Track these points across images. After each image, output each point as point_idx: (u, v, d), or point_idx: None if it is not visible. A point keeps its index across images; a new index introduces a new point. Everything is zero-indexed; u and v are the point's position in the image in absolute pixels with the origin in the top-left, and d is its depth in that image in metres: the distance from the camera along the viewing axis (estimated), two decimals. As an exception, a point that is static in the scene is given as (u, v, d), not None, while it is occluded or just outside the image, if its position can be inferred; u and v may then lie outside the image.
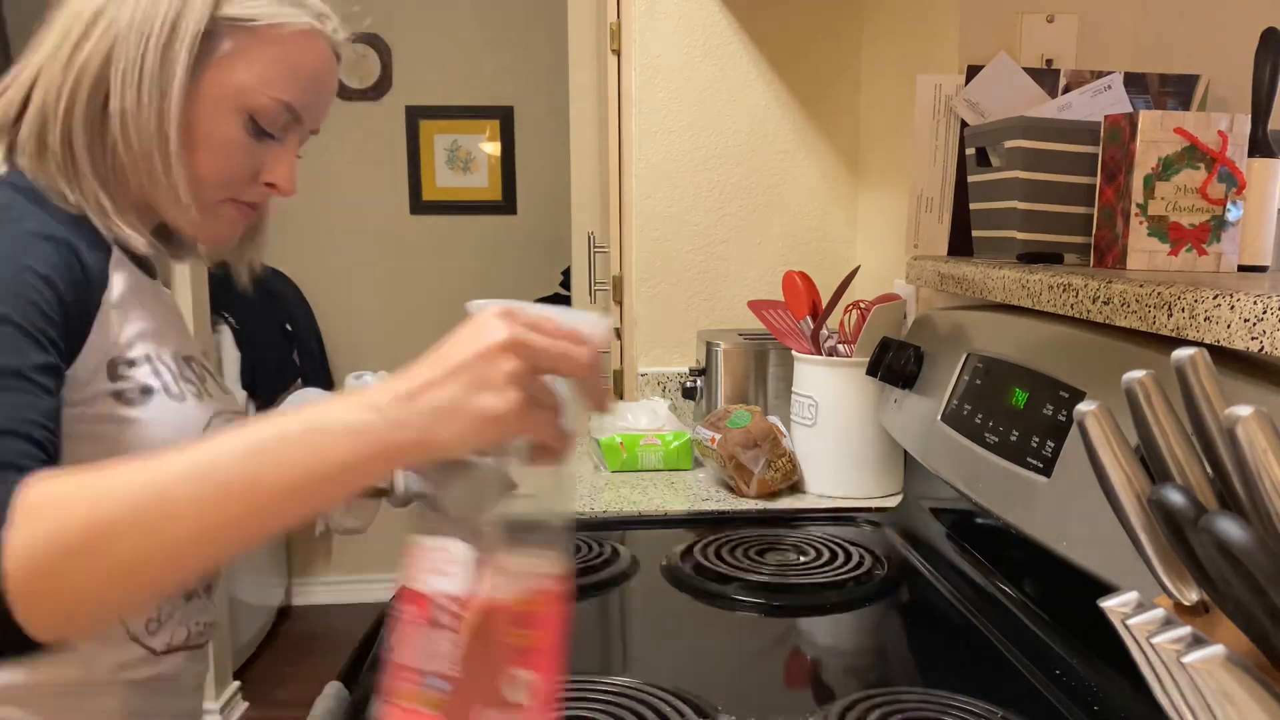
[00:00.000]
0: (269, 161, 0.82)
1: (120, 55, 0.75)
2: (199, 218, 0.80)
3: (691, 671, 0.90)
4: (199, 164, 0.78)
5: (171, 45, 0.75)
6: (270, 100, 0.78)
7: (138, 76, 0.75)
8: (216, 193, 0.80)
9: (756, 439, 1.39)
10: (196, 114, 0.77)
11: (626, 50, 1.77)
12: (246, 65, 0.77)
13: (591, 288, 2.42)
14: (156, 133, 0.76)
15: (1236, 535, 0.42)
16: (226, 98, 0.77)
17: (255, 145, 0.80)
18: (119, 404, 0.74)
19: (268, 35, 0.78)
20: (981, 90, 1.29)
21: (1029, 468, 0.86)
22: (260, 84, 0.78)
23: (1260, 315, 0.64)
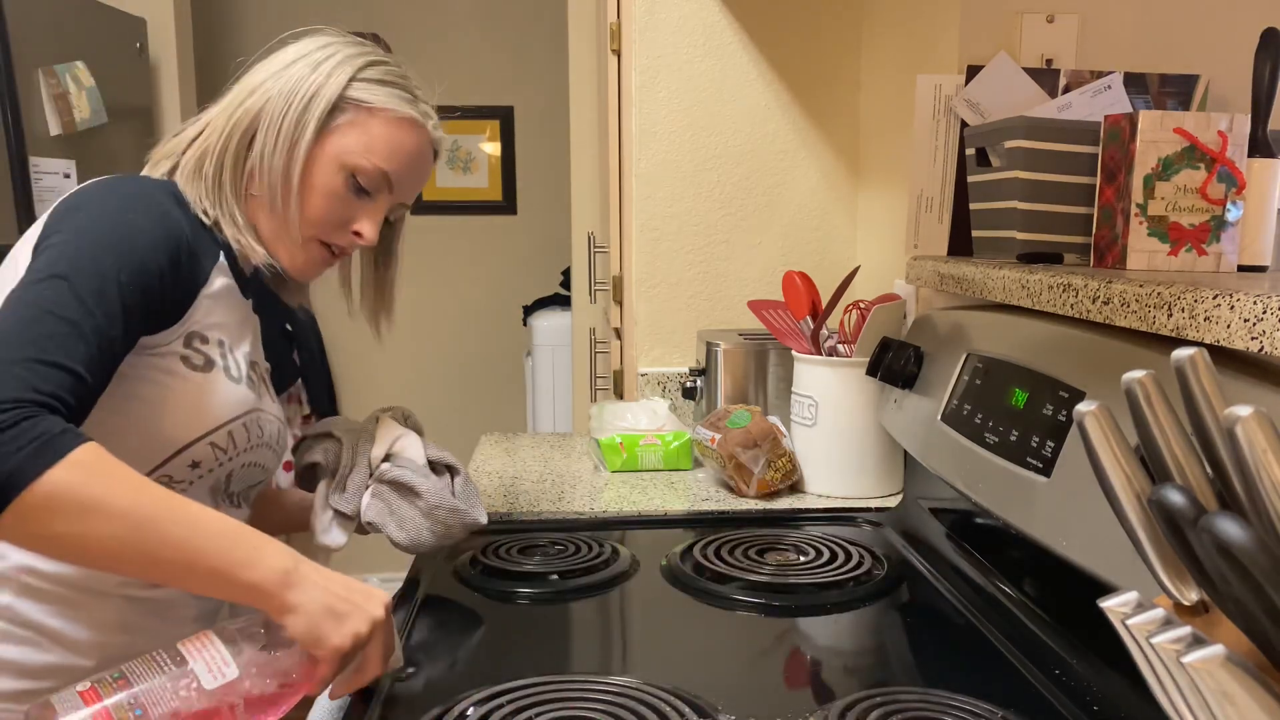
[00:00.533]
0: (360, 215, 1.01)
1: (268, 112, 0.97)
2: (297, 251, 1.00)
3: (691, 671, 0.90)
4: (307, 205, 0.98)
5: (307, 110, 0.97)
6: (369, 164, 0.99)
7: (278, 129, 0.96)
8: (313, 230, 1.00)
9: (756, 439, 1.39)
10: (314, 166, 0.98)
11: (626, 50, 1.77)
12: (357, 135, 0.98)
13: (591, 288, 2.43)
14: (283, 173, 0.97)
15: (1236, 535, 0.42)
16: (338, 156, 0.98)
17: (352, 200, 1.00)
18: (183, 365, 0.92)
19: (379, 115, 0.99)
20: (981, 90, 1.29)
21: (1029, 468, 0.86)
22: (365, 151, 0.98)
23: (1260, 315, 0.64)
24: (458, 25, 3.63)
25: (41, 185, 2.16)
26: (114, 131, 2.47)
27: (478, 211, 3.76)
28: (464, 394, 3.83)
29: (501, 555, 1.16)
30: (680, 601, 1.06)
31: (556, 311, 3.39)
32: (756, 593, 1.06)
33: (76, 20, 2.33)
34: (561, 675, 0.85)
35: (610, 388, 2.11)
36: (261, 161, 0.97)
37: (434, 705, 0.80)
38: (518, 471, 1.56)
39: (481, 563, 1.13)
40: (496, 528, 1.28)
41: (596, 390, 2.40)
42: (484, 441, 1.77)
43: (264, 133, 0.97)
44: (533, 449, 1.72)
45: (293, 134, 0.96)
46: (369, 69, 1.00)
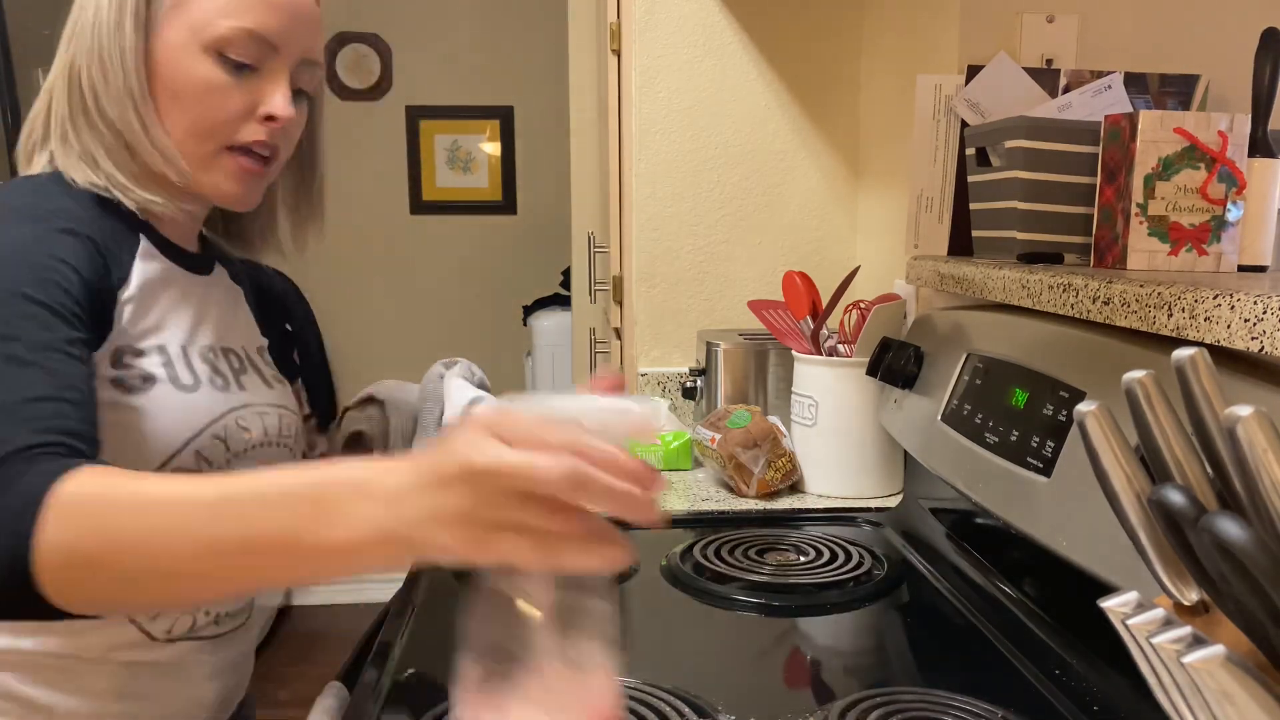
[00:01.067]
0: (258, 95, 0.81)
1: (87, 44, 0.78)
2: (211, 174, 0.81)
3: (691, 671, 0.90)
4: (185, 114, 0.79)
5: (120, 17, 0.77)
6: (228, 29, 0.78)
7: (98, 55, 0.78)
8: (211, 140, 0.80)
9: (756, 439, 1.39)
10: (166, 65, 0.78)
11: (626, 50, 1.77)
12: (196, 4, 0.78)
13: (591, 288, 2.43)
14: (125, 94, 0.78)
15: (1236, 535, 0.42)
16: (188, 39, 0.78)
17: (236, 82, 0.80)
18: (118, 391, 0.76)
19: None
20: (981, 90, 1.29)
21: (1029, 468, 0.86)
22: (216, 14, 0.78)
23: (1260, 315, 0.64)
24: (458, 25, 3.63)
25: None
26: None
27: (478, 211, 3.76)
28: (464, 394, 3.82)
29: (501, 555, 1.15)
30: (680, 601, 1.06)
31: (556, 311, 3.39)
32: (756, 593, 1.06)
33: (76, 20, 2.33)
34: (561, 675, 0.85)
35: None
36: (96, 94, 0.79)
37: (434, 705, 0.80)
38: (518, 471, 1.56)
39: (481, 563, 1.13)
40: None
41: (596, 390, 2.39)
42: (484, 441, 1.77)
43: (85, 64, 0.79)
44: (533, 449, 1.72)
45: (116, 43, 0.77)
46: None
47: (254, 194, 0.85)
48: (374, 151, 3.63)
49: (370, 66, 3.59)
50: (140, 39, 0.78)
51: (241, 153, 0.82)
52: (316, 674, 3.57)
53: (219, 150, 0.81)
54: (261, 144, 0.82)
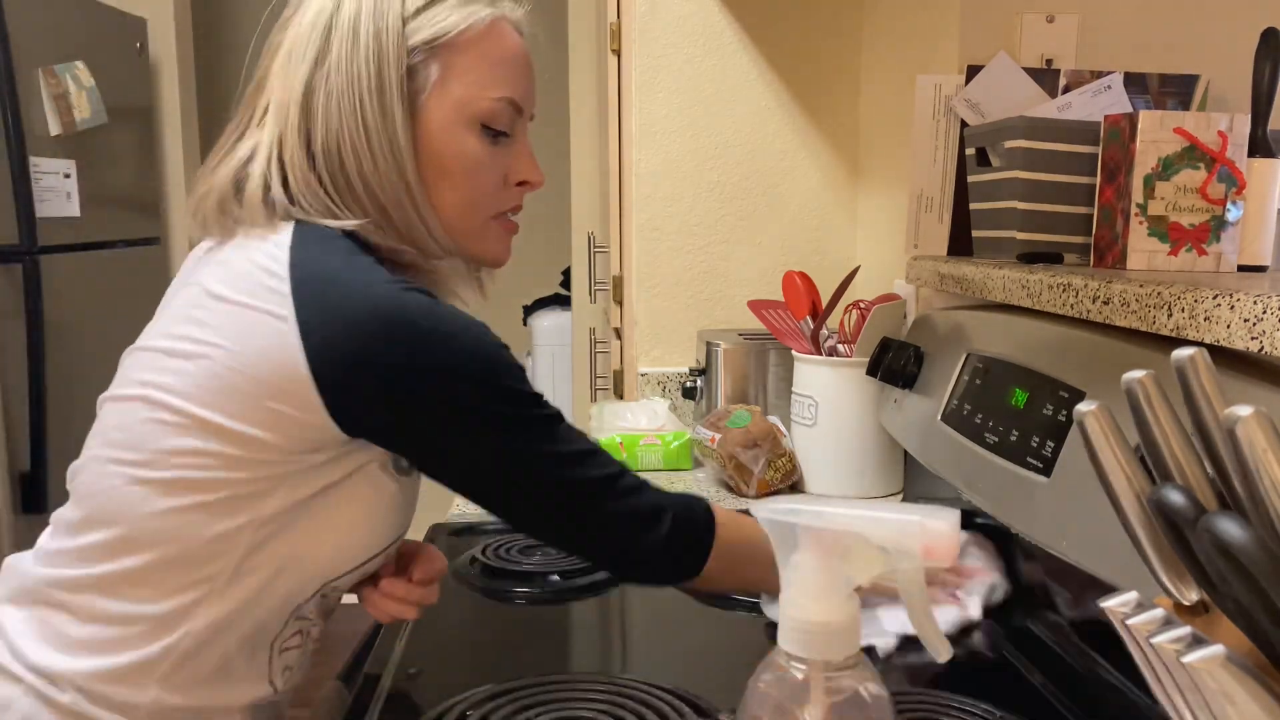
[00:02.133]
0: (511, 162, 0.84)
1: (344, 128, 0.76)
2: (471, 245, 0.84)
3: (691, 671, 0.90)
4: (454, 191, 0.80)
5: (383, 96, 0.76)
6: (492, 102, 0.80)
7: (366, 142, 0.76)
8: (481, 212, 0.82)
9: (756, 439, 1.39)
10: (433, 146, 0.79)
11: (626, 50, 1.77)
12: (458, 80, 0.79)
13: (591, 288, 2.43)
14: (399, 180, 0.78)
15: (1236, 535, 0.42)
16: (456, 118, 0.79)
17: (495, 151, 0.82)
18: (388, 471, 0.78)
19: (462, 43, 0.79)
20: (981, 90, 1.29)
21: (1029, 468, 0.86)
22: (479, 89, 0.79)
23: (1260, 315, 0.64)
24: (458, 25, 3.63)
25: (41, 185, 2.16)
26: (114, 131, 2.48)
27: (478, 211, 3.76)
28: (464, 394, 3.82)
29: (501, 555, 1.16)
30: (680, 601, 1.06)
31: (556, 311, 3.39)
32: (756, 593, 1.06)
33: (76, 20, 2.33)
34: (561, 675, 0.85)
35: (610, 388, 2.11)
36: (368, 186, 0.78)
37: (434, 705, 0.80)
38: (518, 471, 1.56)
39: (481, 563, 1.13)
40: (497, 527, 1.28)
41: (596, 390, 2.40)
42: (484, 441, 1.77)
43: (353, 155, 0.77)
44: (533, 449, 1.72)
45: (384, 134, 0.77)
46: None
47: (509, 251, 0.88)
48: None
49: (370, 66, 3.60)
50: (409, 122, 0.77)
51: (503, 217, 0.85)
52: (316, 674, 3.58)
53: (488, 220, 0.84)
54: (516, 208, 0.86)
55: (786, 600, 0.51)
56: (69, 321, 2.25)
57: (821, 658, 0.50)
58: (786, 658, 0.51)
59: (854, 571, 0.51)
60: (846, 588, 0.51)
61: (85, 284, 2.35)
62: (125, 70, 2.58)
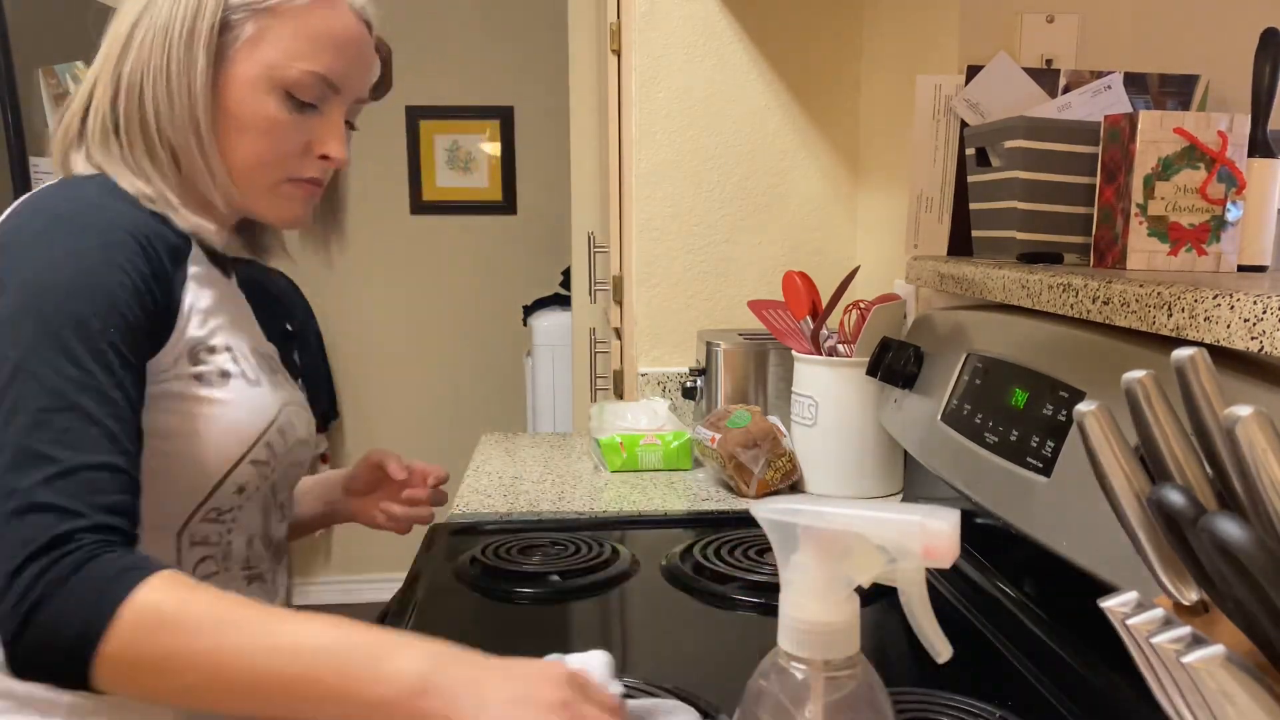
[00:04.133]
0: (317, 134, 0.86)
1: (150, 60, 0.80)
2: (258, 202, 0.86)
3: (691, 671, 0.90)
4: (248, 147, 0.83)
5: (192, 42, 0.80)
6: (299, 72, 0.82)
7: (165, 76, 0.80)
8: (273, 173, 0.85)
9: (756, 439, 1.39)
10: (234, 100, 0.82)
11: (626, 50, 1.77)
12: (270, 44, 0.81)
13: (591, 288, 2.43)
14: (189, 123, 0.81)
15: (1236, 535, 0.42)
16: (258, 79, 0.82)
17: (299, 120, 0.84)
18: (199, 384, 0.80)
19: (284, 11, 0.82)
20: (981, 90, 1.29)
21: (1029, 468, 0.86)
22: (286, 58, 0.82)
23: (1260, 315, 0.64)
24: (458, 25, 3.63)
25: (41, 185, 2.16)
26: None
27: (478, 211, 3.76)
28: (464, 394, 3.83)
29: (502, 555, 1.16)
30: (680, 601, 1.06)
31: (556, 311, 3.39)
32: (756, 593, 1.06)
33: (76, 20, 2.33)
34: (561, 675, 0.85)
35: (610, 388, 2.11)
36: (159, 117, 0.81)
37: (434, 705, 0.80)
38: (518, 471, 1.56)
39: (482, 563, 1.13)
40: (496, 527, 1.28)
41: (596, 390, 2.40)
42: (484, 441, 1.77)
43: (151, 85, 0.80)
44: (533, 449, 1.72)
45: (184, 74, 0.80)
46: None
47: (307, 216, 0.90)
48: (374, 151, 3.63)
49: (370, 66, 3.60)
50: (211, 69, 0.81)
51: (299, 183, 0.87)
52: (316, 674, 3.56)
53: (279, 181, 0.86)
54: (316, 180, 0.88)
55: (786, 600, 0.51)
56: (69, 321, 2.25)
57: (821, 658, 0.50)
58: (786, 658, 0.51)
59: (854, 571, 0.51)
60: (846, 588, 0.51)
61: (85, 284, 2.35)
62: (125, 70, 2.58)
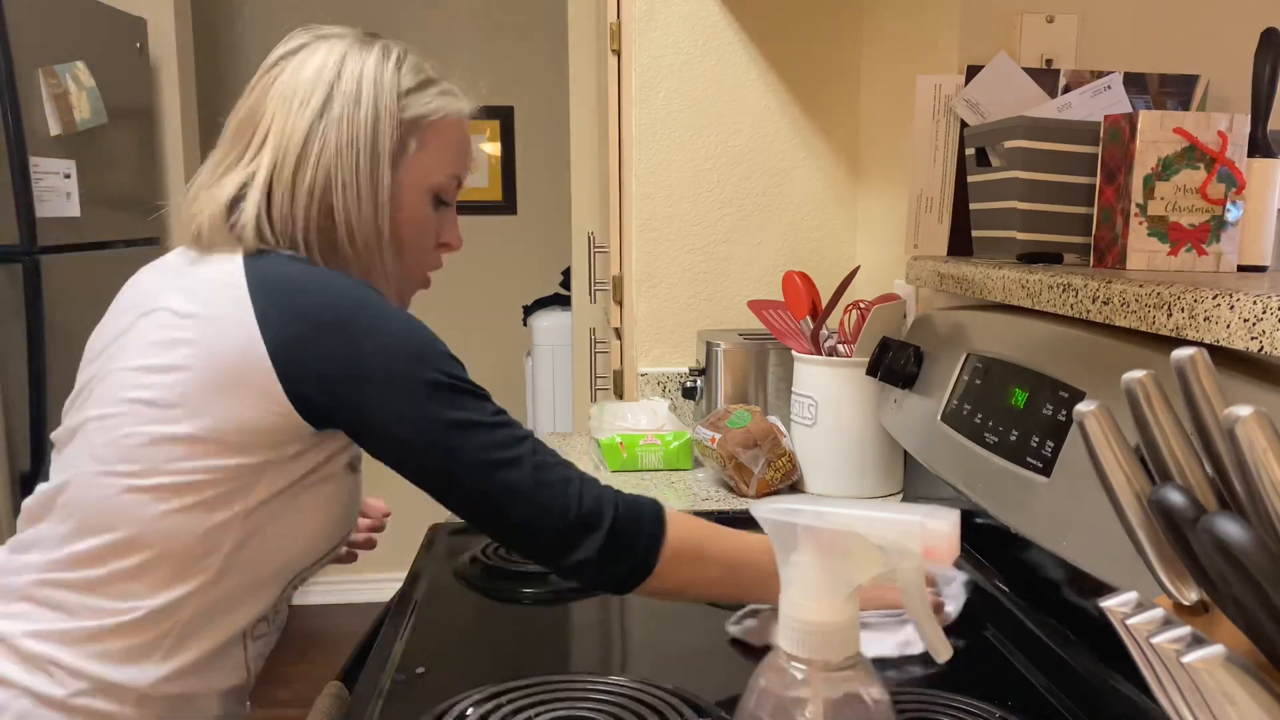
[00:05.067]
0: (442, 227, 0.98)
1: (338, 173, 0.88)
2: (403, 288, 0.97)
3: (691, 671, 0.90)
4: (402, 244, 0.94)
5: (376, 156, 0.90)
6: (447, 177, 0.95)
7: (356, 187, 0.89)
8: (414, 264, 0.96)
9: (756, 439, 1.39)
10: (399, 205, 0.92)
11: (626, 50, 1.77)
12: (429, 155, 0.93)
13: (591, 288, 2.42)
14: (374, 228, 0.91)
15: (1236, 535, 0.42)
16: (419, 184, 0.93)
17: (436, 216, 0.96)
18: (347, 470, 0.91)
19: (439, 125, 0.94)
20: (981, 90, 1.29)
21: (1029, 468, 0.86)
22: (440, 166, 0.94)
23: (1260, 315, 0.64)
24: (458, 25, 3.63)
25: (41, 185, 2.16)
26: (114, 131, 2.48)
27: (478, 211, 3.76)
28: (464, 394, 3.82)
29: (502, 555, 1.16)
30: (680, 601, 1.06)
31: (556, 311, 3.39)
32: (756, 593, 1.06)
33: (76, 20, 2.33)
34: (561, 675, 0.85)
35: (610, 388, 2.11)
36: (350, 227, 0.90)
37: (434, 705, 0.80)
38: (518, 471, 1.56)
39: (482, 562, 1.13)
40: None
41: (596, 390, 2.40)
42: (484, 441, 1.77)
43: (341, 196, 0.89)
44: (533, 449, 1.72)
45: (372, 188, 0.90)
46: (403, 75, 0.92)
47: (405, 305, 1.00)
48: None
49: (370, 66, 3.59)
50: (392, 178, 0.91)
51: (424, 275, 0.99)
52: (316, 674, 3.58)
53: (414, 271, 0.97)
54: (436, 267, 1.00)
55: (786, 600, 0.51)
56: (69, 321, 2.25)
57: (821, 658, 0.50)
58: (786, 658, 0.51)
59: (854, 571, 0.50)
60: (846, 588, 0.50)
61: (85, 284, 2.35)
62: (125, 70, 2.58)
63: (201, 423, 0.80)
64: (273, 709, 2.92)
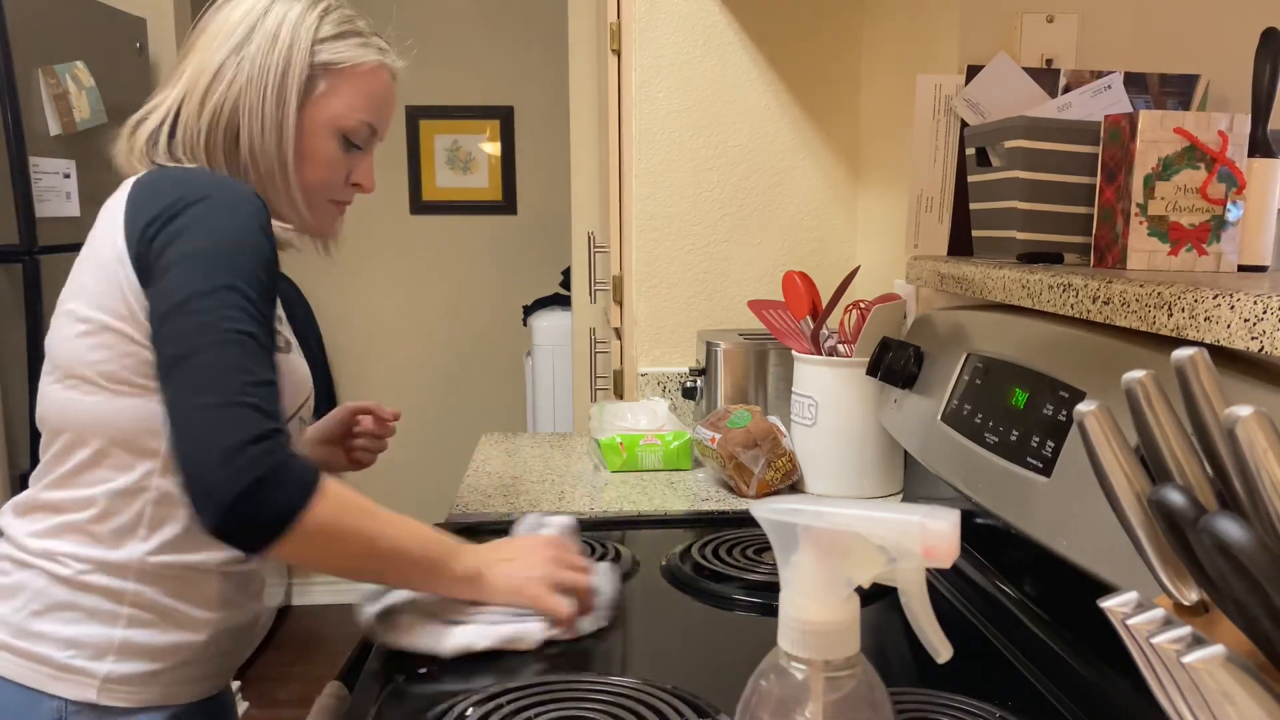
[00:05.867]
0: (355, 167, 1.07)
1: (245, 103, 0.98)
2: (310, 217, 1.05)
3: (691, 671, 0.90)
4: (308, 175, 1.03)
5: (284, 89, 0.99)
6: (357, 122, 1.04)
7: (260, 114, 0.99)
8: (321, 196, 1.06)
9: (756, 439, 1.39)
10: (304, 139, 1.02)
11: (626, 50, 1.77)
12: (338, 99, 1.02)
13: (591, 288, 2.42)
14: (277, 157, 1.00)
15: (1236, 535, 0.42)
16: (326, 124, 1.02)
17: (346, 156, 1.05)
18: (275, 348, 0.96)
19: (351, 73, 1.03)
20: (981, 90, 1.29)
21: (1029, 468, 0.86)
22: (349, 111, 1.03)
23: (1260, 315, 0.64)
24: (458, 25, 3.63)
25: (41, 185, 2.16)
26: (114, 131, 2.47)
27: (478, 211, 3.76)
28: (464, 394, 3.83)
29: (501, 555, 1.15)
30: (680, 601, 1.06)
31: (556, 311, 3.39)
32: (756, 593, 1.06)
33: (76, 20, 2.33)
34: (561, 675, 0.85)
35: (610, 388, 2.11)
36: (253, 151, 0.99)
37: (434, 705, 0.80)
38: (518, 471, 1.56)
39: (481, 563, 1.13)
40: (498, 528, 1.28)
41: (596, 390, 2.40)
42: (484, 441, 1.77)
43: (247, 123, 0.99)
44: (533, 449, 1.72)
45: (276, 118, 0.99)
46: (324, 24, 1.02)
47: (336, 229, 1.11)
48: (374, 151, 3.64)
49: (370, 66, 3.59)
50: (298, 114, 1.00)
51: (338, 204, 1.08)
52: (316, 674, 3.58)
53: (326, 202, 1.06)
54: (346, 202, 1.09)
55: (786, 600, 0.51)
56: (69, 321, 2.26)
57: (821, 658, 0.50)
58: (786, 658, 0.51)
59: (854, 571, 0.50)
60: (846, 588, 0.50)
61: (85, 284, 2.35)
62: (125, 70, 2.57)
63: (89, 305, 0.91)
64: (273, 709, 2.92)
